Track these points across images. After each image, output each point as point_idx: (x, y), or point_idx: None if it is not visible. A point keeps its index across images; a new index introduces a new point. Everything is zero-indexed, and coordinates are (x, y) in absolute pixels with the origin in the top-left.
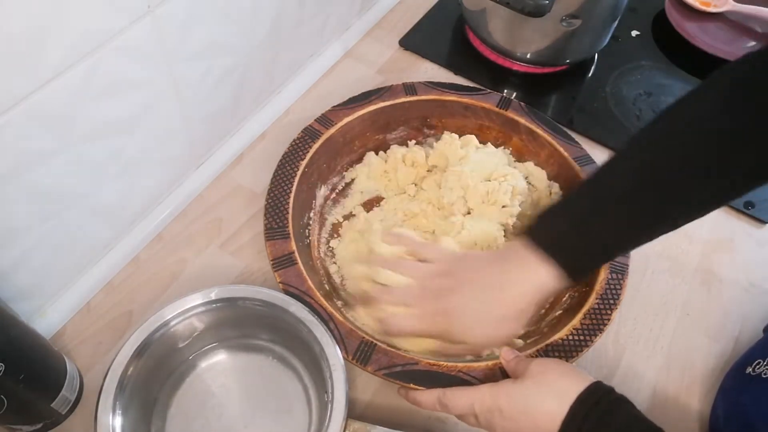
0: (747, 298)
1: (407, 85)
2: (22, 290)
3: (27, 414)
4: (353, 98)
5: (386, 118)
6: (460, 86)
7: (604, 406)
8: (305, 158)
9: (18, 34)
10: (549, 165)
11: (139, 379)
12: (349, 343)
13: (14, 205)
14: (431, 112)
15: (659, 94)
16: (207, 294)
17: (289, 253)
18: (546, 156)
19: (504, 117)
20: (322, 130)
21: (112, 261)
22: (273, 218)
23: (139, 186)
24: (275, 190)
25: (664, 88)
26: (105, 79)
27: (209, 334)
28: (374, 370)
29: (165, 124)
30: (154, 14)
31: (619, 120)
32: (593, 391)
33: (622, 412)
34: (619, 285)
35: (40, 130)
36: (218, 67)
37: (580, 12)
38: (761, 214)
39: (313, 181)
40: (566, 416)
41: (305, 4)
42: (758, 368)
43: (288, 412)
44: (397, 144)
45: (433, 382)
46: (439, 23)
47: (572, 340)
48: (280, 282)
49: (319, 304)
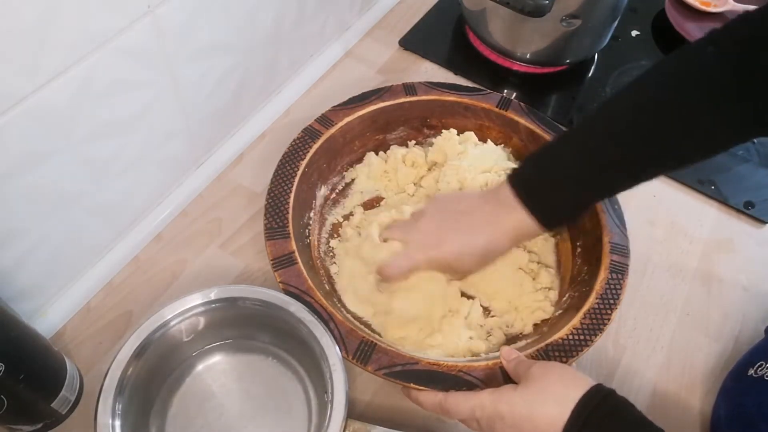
0: (747, 298)
1: (407, 85)
2: (23, 290)
3: (27, 414)
4: (353, 98)
5: (386, 118)
6: (460, 86)
7: (605, 409)
8: (305, 158)
9: (18, 34)
10: None
11: (138, 380)
12: (349, 343)
13: (14, 205)
14: (431, 112)
15: None
16: (207, 294)
17: (289, 253)
18: None
19: (504, 117)
20: (322, 130)
21: (112, 261)
22: (273, 218)
23: (139, 186)
24: (275, 190)
25: None
26: (105, 79)
27: (209, 334)
28: (374, 369)
29: (165, 124)
30: (154, 14)
31: None
32: (594, 395)
33: (623, 414)
34: (619, 285)
35: (40, 130)
36: (218, 67)
37: (580, 12)
38: (761, 214)
39: (313, 181)
40: (567, 421)
41: (305, 4)
42: (761, 370)
43: (288, 412)
44: (397, 144)
45: (434, 382)
46: (439, 23)
47: (572, 339)
48: (280, 282)
49: (320, 304)
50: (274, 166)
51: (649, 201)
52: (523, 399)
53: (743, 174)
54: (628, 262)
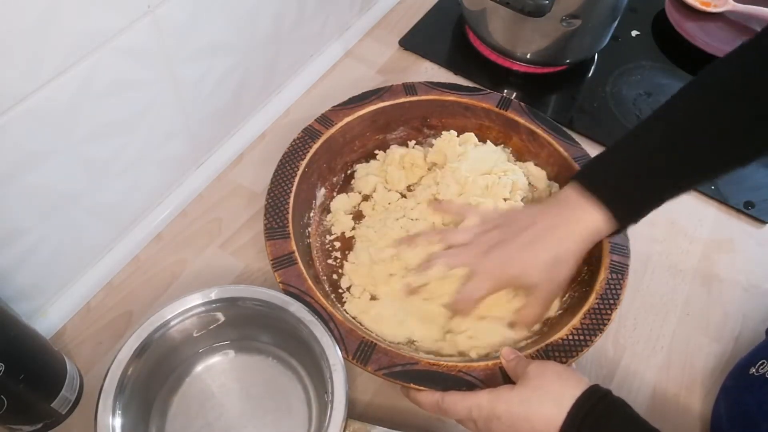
0: (747, 298)
1: (407, 85)
2: (23, 290)
3: (27, 414)
4: (353, 98)
5: (386, 118)
6: (460, 86)
7: (601, 409)
8: (305, 158)
9: (18, 34)
10: (549, 165)
11: (138, 380)
12: (349, 343)
13: (14, 205)
14: (431, 112)
15: (659, 94)
16: (207, 294)
17: (289, 253)
18: (546, 156)
19: (504, 117)
20: (322, 130)
21: (112, 261)
22: (273, 218)
23: (139, 186)
24: (275, 190)
25: (664, 88)
26: (105, 79)
27: (209, 334)
28: (374, 369)
29: (165, 124)
30: (154, 14)
31: (619, 120)
32: (591, 395)
33: (620, 414)
34: (619, 285)
35: (40, 130)
36: (218, 67)
37: (580, 12)
38: (761, 214)
39: (313, 181)
40: (564, 421)
41: (305, 4)
42: (762, 369)
43: (288, 413)
44: (397, 144)
45: (434, 382)
46: (439, 23)
47: (572, 339)
48: (280, 282)
49: (319, 304)
50: (273, 166)
51: None
52: (520, 398)
53: (743, 174)
54: (628, 263)
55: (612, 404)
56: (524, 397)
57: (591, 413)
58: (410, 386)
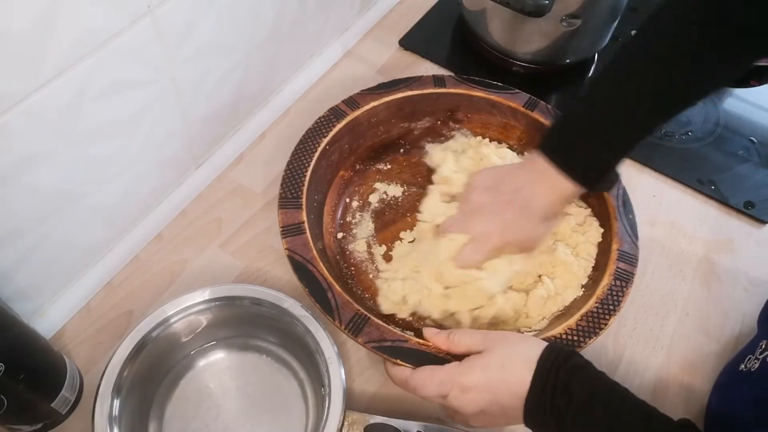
0: (747, 298)
1: (437, 76)
2: (22, 290)
3: (27, 414)
4: (381, 84)
5: (413, 106)
6: (489, 83)
7: (568, 364)
8: (328, 136)
9: (18, 34)
10: None
11: (135, 380)
12: (344, 314)
13: (14, 205)
14: (458, 105)
15: None
16: (201, 294)
17: (299, 223)
18: None
19: (529, 118)
20: (348, 111)
21: (112, 261)
22: (288, 188)
23: (139, 186)
24: (294, 163)
25: None
26: (105, 79)
27: (205, 333)
28: (364, 341)
29: (165, 124)
30: (154, 14)
31: None
32: (554, 350)
33: (586, 369)
34: (621, 293)
35: (40, 130)
36: (218, 67)
37: (580, 12)
38: (761, 214)
39: (333, 161)
40: (534, 374)
41: (305, 4)
42: (749, 363)
43: (285, 410)
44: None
45: (420, 361)
46: (439, 23)
47: (565, 339)
48: (286, 248)
49: (321, 274)
50: (274, 166)
51: (649, 201)
52: (497, 362)
53: (743, 174)
54: (634, 272)
55: (577, 360)
56: (500, 361)
57: (559, 366)
58: (396, 362)
